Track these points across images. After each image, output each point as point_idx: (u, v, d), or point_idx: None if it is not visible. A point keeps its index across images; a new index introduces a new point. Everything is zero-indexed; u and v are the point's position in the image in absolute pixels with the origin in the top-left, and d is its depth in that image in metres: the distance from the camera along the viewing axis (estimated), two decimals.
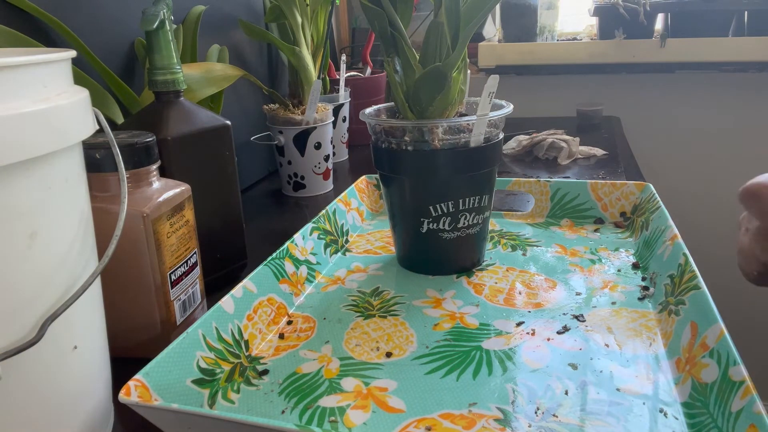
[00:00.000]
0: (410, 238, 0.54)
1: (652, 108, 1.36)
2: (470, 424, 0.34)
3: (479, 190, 0.51)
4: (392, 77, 0.51)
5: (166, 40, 0.48)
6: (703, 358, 0.35)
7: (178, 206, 0.43)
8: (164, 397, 0.34)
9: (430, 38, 0.48)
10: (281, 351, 0.43)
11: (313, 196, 0.83)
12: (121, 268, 0.40)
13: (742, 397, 0.30)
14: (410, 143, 0.50)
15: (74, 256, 0.29)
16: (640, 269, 0.52)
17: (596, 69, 1.34)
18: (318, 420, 0.35)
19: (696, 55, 1.24)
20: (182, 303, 0.44)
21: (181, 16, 0.70)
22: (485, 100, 0.48)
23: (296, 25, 0.78)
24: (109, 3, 0.60)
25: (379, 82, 1.07)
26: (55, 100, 0.26)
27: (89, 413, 0.32)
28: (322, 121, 0.79)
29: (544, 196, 0.66)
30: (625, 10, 1.23)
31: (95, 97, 0.54)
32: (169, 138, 0.48)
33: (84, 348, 0.31)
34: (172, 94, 0.50)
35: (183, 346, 0.37)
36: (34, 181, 0.26)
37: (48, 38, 0.53)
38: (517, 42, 1.34)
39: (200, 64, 0.66)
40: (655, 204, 0.58)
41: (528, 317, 0.46)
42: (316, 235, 0.57)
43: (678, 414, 0.34)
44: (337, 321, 0.47)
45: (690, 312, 0.40)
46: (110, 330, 0.35)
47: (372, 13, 0.49)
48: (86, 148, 0.34)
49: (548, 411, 0.35)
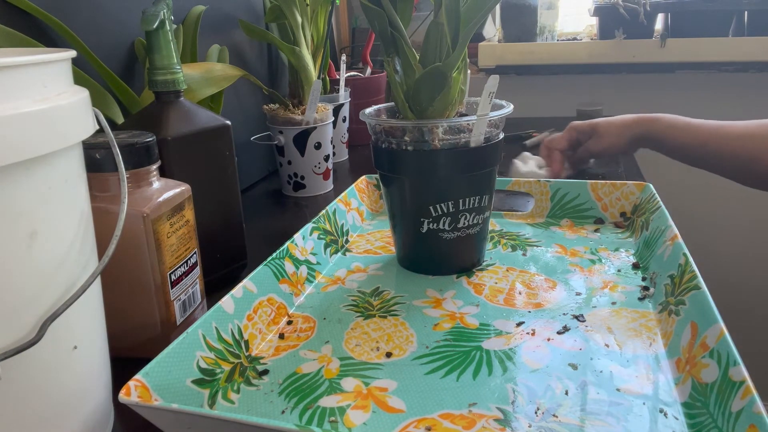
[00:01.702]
0: (410, 238, 0.54)
1: (652, 108, 1.36)
2: (470, 424, 0.34)
3: (479, 190, 0.51)
4: (392, 77, 0.51)
5: (166, 40, 0.48)
6: (703, 358, 0.35)
7: (178, 206, 0.43)
8: (164, 397, 0.34)
9: (430, 38, 0.48)
10: (281, 351, 0.43)
11: (313, 196, 0.83)
12: (121, 268, 0.40)
13: (743, 397, 0.30)
14: (410, 143, 0.50)
15: (74, 256, 0.29)
16: (640, 269, 0.52)
17: (596, 69, 1.34)
18: (318, 420, 0.35)
19: (696, 55, 1.24)
20: (182, 303, 0.44)
21: (181, 16, 0.70)
22: (485, 100, 0.48)
23: (296, 25, 0.78)
24: (109, 3, 0.60)
25: (379, 82, 1.07)
26: (55, 100, 0.26)
27: (89, 413, 0.32)
28: (322, 121, 0.79)
29: (544, 196, 0.66)
30: (625, 10, 1.23)
31: (95, 97, 0.54)
32: (169, 138, 0.48)
33: (84, 348, 0.31)
34: (172, 94, 0.50)
35: (183, 346, 0.37)
36: (34, 181, 0.26)
37: (48, 38, 0.53)
38: (517, 42, 1.34)
39: (200, 64, 0.66)
40: (655, 204, 0.58)
41: (528, 317, 0.46)
42: (316, 235, 0.57)
43: (678, 414, 0.34)
44: (337, 321, 0.47)
45: (690, 312, 0.40)
46: (110, 330, 0.35)
47: (372, 13, 0.49)
48: (86, 148, 0.34)
49: (548, 411, 0.35)
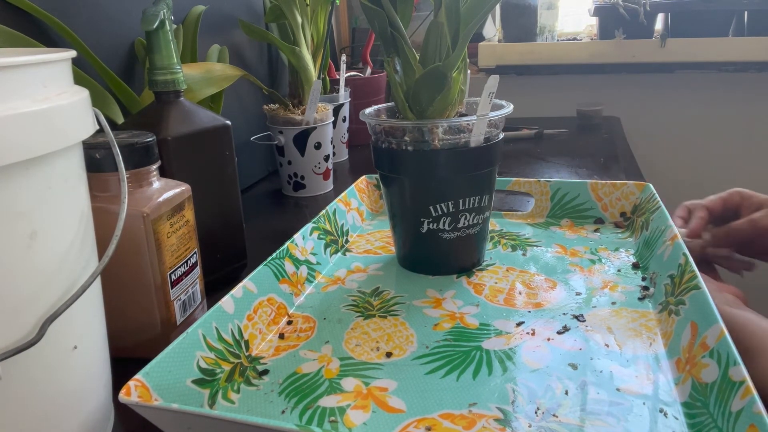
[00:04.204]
0: (410, 238, 0.54)
1: (652, 108, 1.36)
2: (470, 424, 0.34)
3: (479, 190, 0.51)
4: (392, 77, 0.51)
5: (166, 40, 0.48)
6: (703, 358, 0.35)
7: (178, 206, 0.43)
8: (164, 397, 0.34)
9: (430, 38, 0.48)
10: (281, 351, 0.43)
11: (313, 196, 0.83)
12: (121, 268, 0.40)
13: (742, 397, 0.30)
14: (410, 143, 0.50)
15: (74, 256, 0.29)
16: (640, 269, 0.52)
17: (596, 69, 1.34)
18: (318, 420, 0.35)
19: (696, 55, 1.24)
20: (182, 303, 0.44)
21: (181, 16, 0.70)
22: (485, 100, 0.48)
23: (296, 25, 0.78)
24: (109, 3, 0.60)
25: (379, 82, 1.07)
26: (55, 100, 0.26)
27: (89, 413, 0.32)
28: (322, 121, 0.79)
29: (544, 196, 0.66)
30: (625, 10, 1.23)
31: (95, 97, 0.54)
32: (169, 138, 0.48)
33: (84, 348, 0.31)
34: (172, 94, 0.50)
35: (183, 346, 0.37)
36: (34, 181, 0.26)
37: (48, 38, 0.53)
38: (517, 42, 1.34)
39: (200, 64, 0.66)
40: (655, 204, 0.58)
41: (528, 317, 0.46)
42: (316, 235, 0.57)
43: (678, 414, 0.34)
44: (337, 321, 0.47)
45: (690, 312, 0.40)
46: (110, 330, 0.35)
47: (372, 13, 0.49)
48: (86, 148, 0.34)
49: (548, 411, 0.35)
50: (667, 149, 1.38)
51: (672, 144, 1.38)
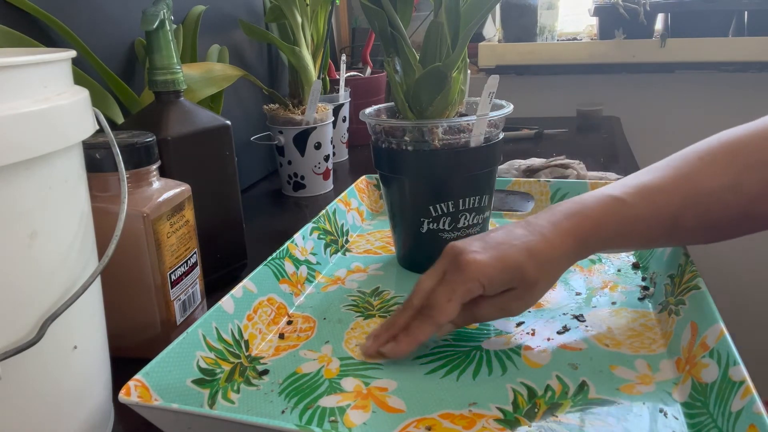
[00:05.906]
0: (410, 238, 0.54)
1: (652, 108, 1.36)
2: (470, 424, 0.34)
3: (479, 190, 0.51)
4: (392, 77, 0.51)
5: (166, 40, 0.48)
6: (703, 358, 0.35)
7: (178, 206, 0.43)
8: (164, 397, 0.34)
9: (430, 38, 0.48)
10: (281, 351, 0.43)
11: (313, 196, 0.83)
12: (121, 268, 0.40)
13: (742, 397, 0.30)
14: (410, 143, 0.50)
15: (74, 256, 0.29)
16: (640, 269, 0.52)
17: (596, 69, 1.34)
18: (318, 420, 0.35)
19: (696, 55, 1.24)
20: (182, 303, 0.44)
21: (181, 16, 0.70)
22: (485, 100, 0.48)
23: (296, 25, 0.78)
24: (109, 3, 0.60)
25: (379, 82, 1.07)
26: (55, 100, 0.26)
27: (89, 413, 0.32)
28: (322, 121, 0.79)
29: (544, 196, 0.66)
30: (625, 10, 1.23)
31: (95, 97, 0.54)
32: (169, 138, 0.48)
33: (84, 348, 0.31)
34: (172, 94, 0.50)
35: (183, 346, 0.37)
36: (34, 181, 0.26)
37: (48, 38, 0.53)
38: (517, 42, 1.34)
39: (200, 64, 0.66)
40: None
41: (528, 317, 0.45)
42: (316, 235, 0.57)
43: (678, 414, 0.34)
44: (337, 321, 0.47)
45: (690, 312, 0.40)
46: (110, 330, 0.35)
47: (372, 13, 0.49)
48: (86, 148, 0.34)
49: (548, 411, 0.35)
50: (667, 149, 1.37)
51: (672, 144, 1.37)
